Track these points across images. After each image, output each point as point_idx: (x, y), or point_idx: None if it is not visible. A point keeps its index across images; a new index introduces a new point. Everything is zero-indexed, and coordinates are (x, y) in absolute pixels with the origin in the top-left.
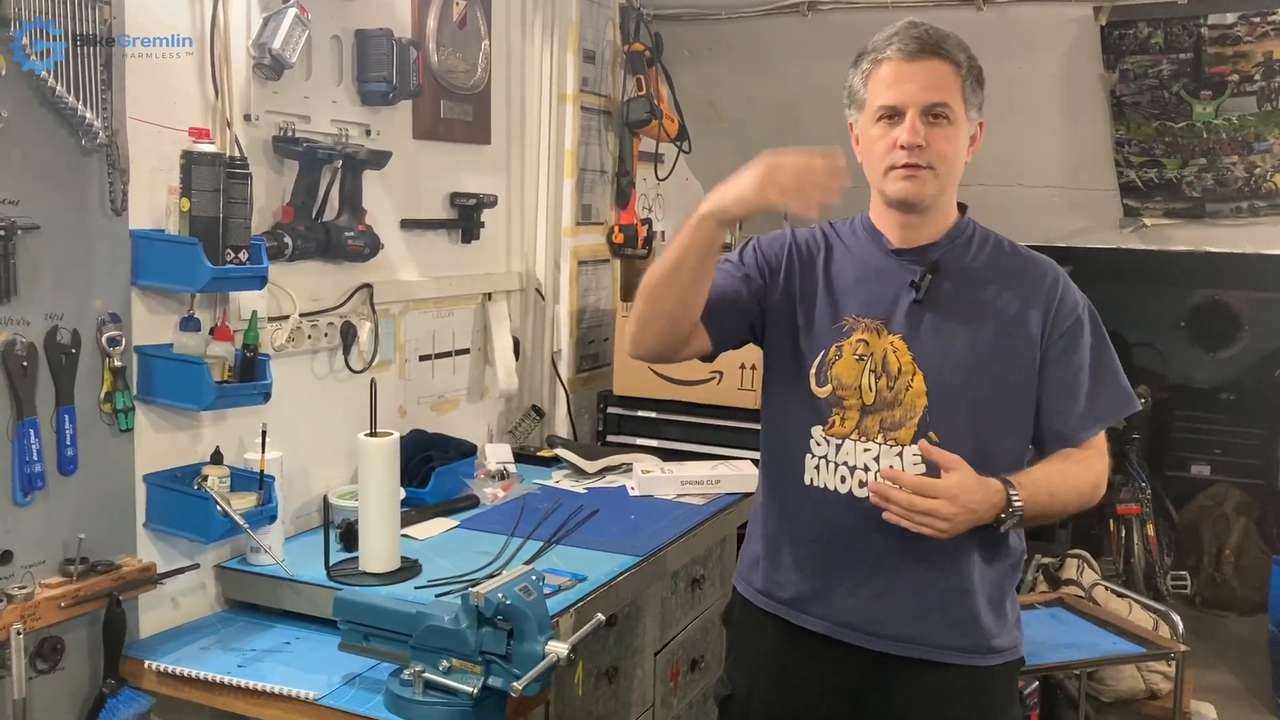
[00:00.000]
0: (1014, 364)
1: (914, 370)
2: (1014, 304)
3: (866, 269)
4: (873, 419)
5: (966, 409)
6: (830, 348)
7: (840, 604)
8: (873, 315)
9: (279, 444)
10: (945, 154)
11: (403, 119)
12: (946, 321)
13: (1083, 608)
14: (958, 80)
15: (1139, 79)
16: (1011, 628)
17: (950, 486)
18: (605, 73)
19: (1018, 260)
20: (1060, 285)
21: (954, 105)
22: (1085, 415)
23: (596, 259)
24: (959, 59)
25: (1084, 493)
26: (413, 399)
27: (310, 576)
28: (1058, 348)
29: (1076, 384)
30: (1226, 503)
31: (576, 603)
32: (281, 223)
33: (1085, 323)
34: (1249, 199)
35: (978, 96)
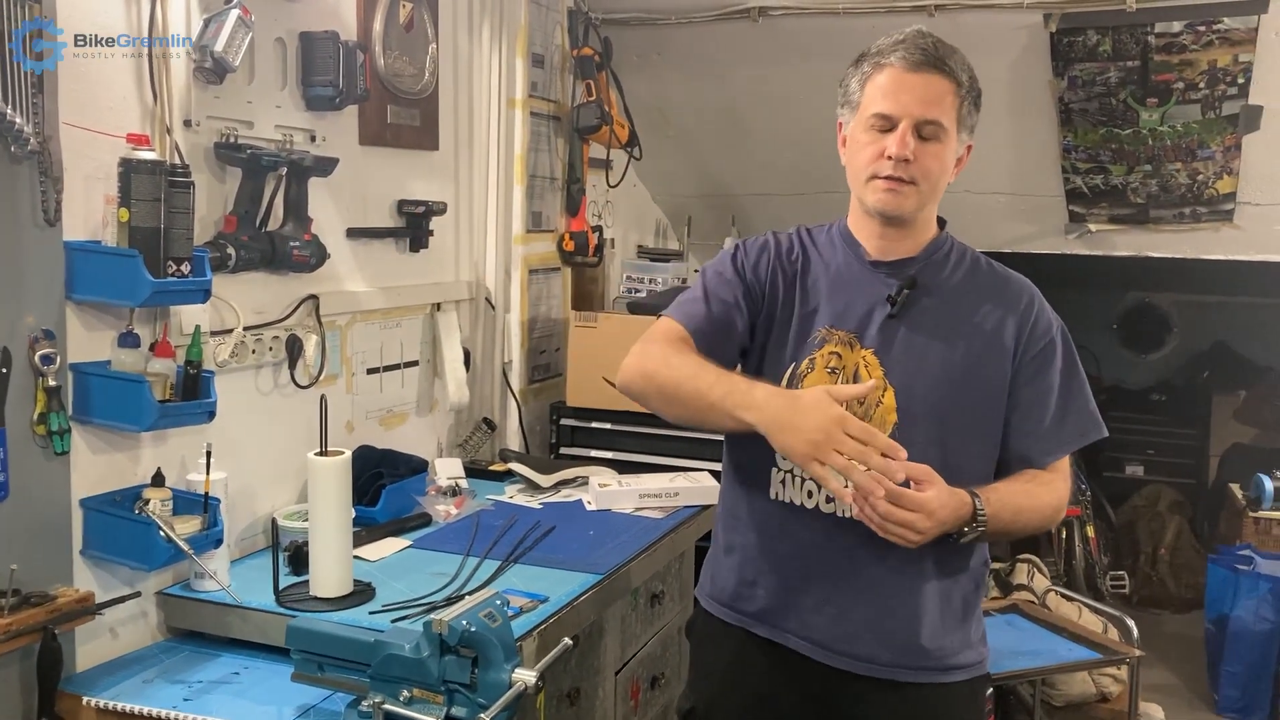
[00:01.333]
0: (985, 383)
1: (885, 386)
2: (988, 323)
3: (842, 280)
4: None
5: (935, 426)
6: (803, 360)
7: (805, 620)
8: (846, 328)
9: (223, 464)
10: (931, 171)
11: (349, 125)
12: (920, 338)
13: (1036, 614)
14: (955, 99)
15: (1087, 86)
16: (976, 644)
17: (929, 500)
18: (554, 78)
19: (994, 279)
20: (1035, 306)
21: (947, 123)
22: (1051, 438)
23: (547, 267)
24: (961, 78)
25: (1046, 515)
26: (360, 414)
27: (258, 602)
28: (1029, 369)
29: (1045, 406)
30: (1160, 502)
31: (539, 625)
32: (224, 233)
33: (1058, 345)
34: (1191, 205)
35: (972, 118)
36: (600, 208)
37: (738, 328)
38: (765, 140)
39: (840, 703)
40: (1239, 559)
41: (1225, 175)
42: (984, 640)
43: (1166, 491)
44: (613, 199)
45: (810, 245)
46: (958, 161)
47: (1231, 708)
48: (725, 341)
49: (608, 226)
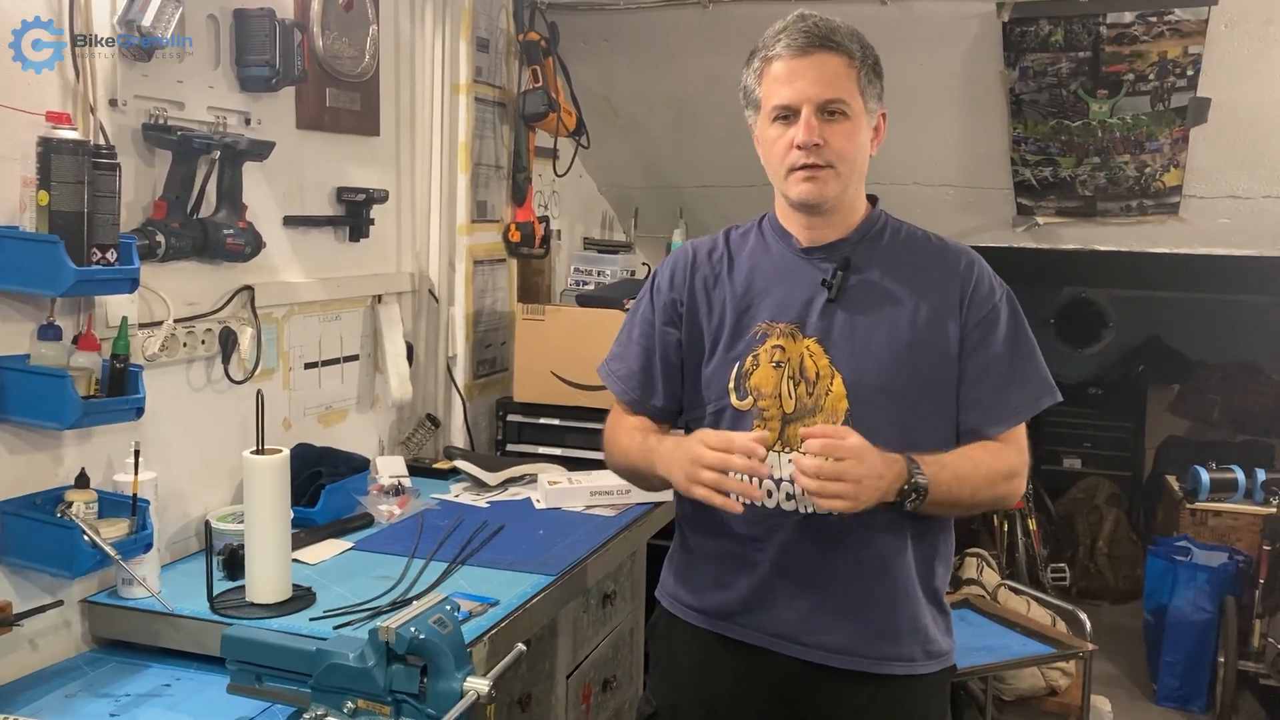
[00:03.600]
0: (933, 357)
1: (832, 373)
2: (929, 295)
3: (777, 272)
4: (794, 428)
5: (889, 408)
6: (746, 358)
7: (774, 616)
8: (787, 319)
9: (153, 463)
10: (844, 151)
11: (285, 108)
12: (862, 320)
13: (988, 608)
14: (853, 72)
15: (1038, 77)
16: (947, 631)
17: (855, 444)
18: (500, 63)
19: (931, 250)
20: (975, 272)
21: (850, 99)
22: (998, 407)
23: (493, 258)
24: (852, 49)
25: (995, 482)
26: (298, 410)
27: (191, 610)
28: (973, 338)
29: (990, 374)
30: (1098, 495)
31: (490, 630)
32: (153, 219)
33: (1002, 311)
34: (1139, 198)
35: (875, 87)
36: (547, 198)
37: (670, 362)
38: (714, 131)
39: (812, 699)
40: (1177, 550)
41: (1172, 168)
42: (951, 630)
43: (1104, 484)
44: (559, 189)
45: (740, 243)
46: (875, 132)
47: (1171, 697)
48: (659, 385)
49: (554, 217)
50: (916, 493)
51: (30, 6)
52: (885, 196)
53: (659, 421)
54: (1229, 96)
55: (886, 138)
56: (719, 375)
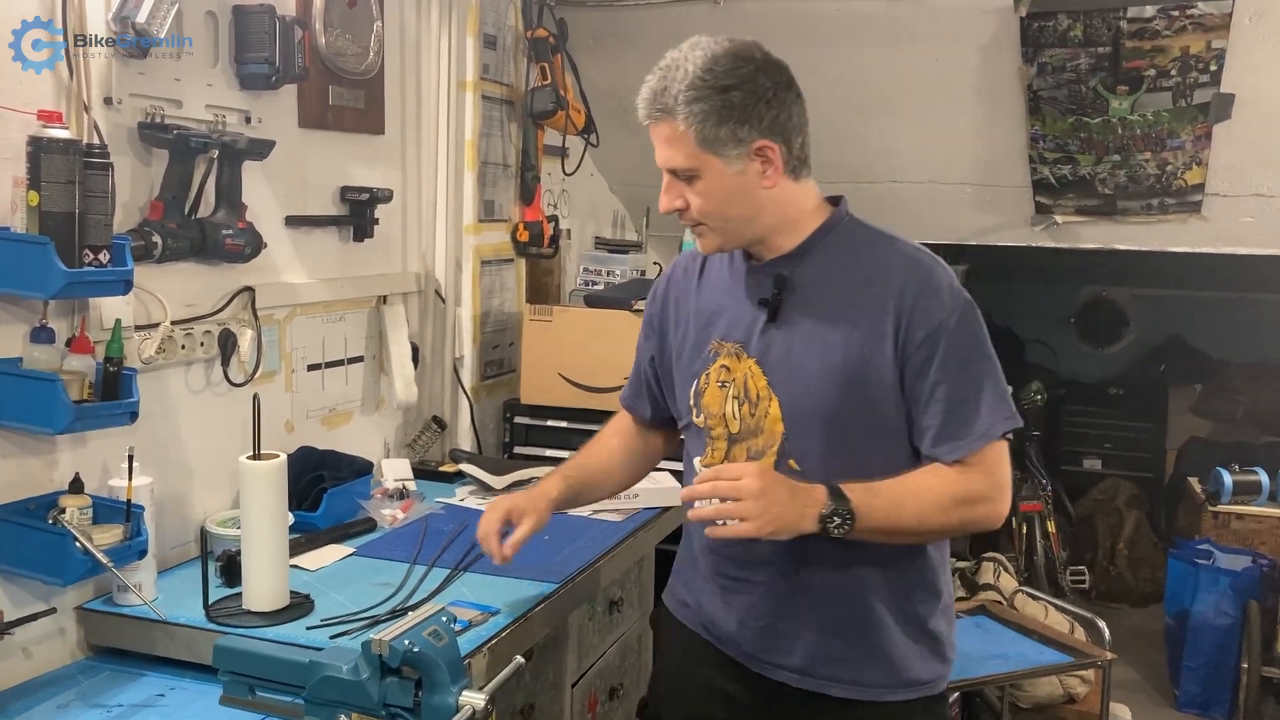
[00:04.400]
0: (869, 380)
1: (770, 396)
2: (868, 314)
3: (733, 288)
4: (740, 448)
5: (824, 433)
6: (701, 376)
7: (737, 632)
8: (734, 339)
9: (150, 468)
10: (704, 209)
11: (287, 106)
12: (798, 341)
13: (1005, 615)
14: (687, 133)
15: (1057, 73)
16: (929, 658)
17: (748, 465)
18: (507, 60)
19: (881, 261)
20: (915, 289)
21: (692, 162)
22: (949, 436)
23: (500, 258)
24: (680, 111)
25: (946, 508)
26: (301, 413)
27: (186, 618)
28: (918, 358)
29: (937, 400)
30: (1119, 496)
31: (489, 640)
32: (149, 219)
33: (948, 330)
34: (1159, 196)
35: (729, 130)
36: (556, 197)
37: (651, 376)
38: None
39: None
40: (1198, 553)
41: (1194, 166)
42: (940, 656)
43: (1124, 485)
44: (569, 188)
45: (714, 257)
46: (767, 163)
47: (1193, 703)
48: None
49: (564, 217)
50: (840, 518)
51: (28, 6)
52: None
53: (658, 429)
54: (1253, 92)
55: (905, 134)
56: (683, 392)
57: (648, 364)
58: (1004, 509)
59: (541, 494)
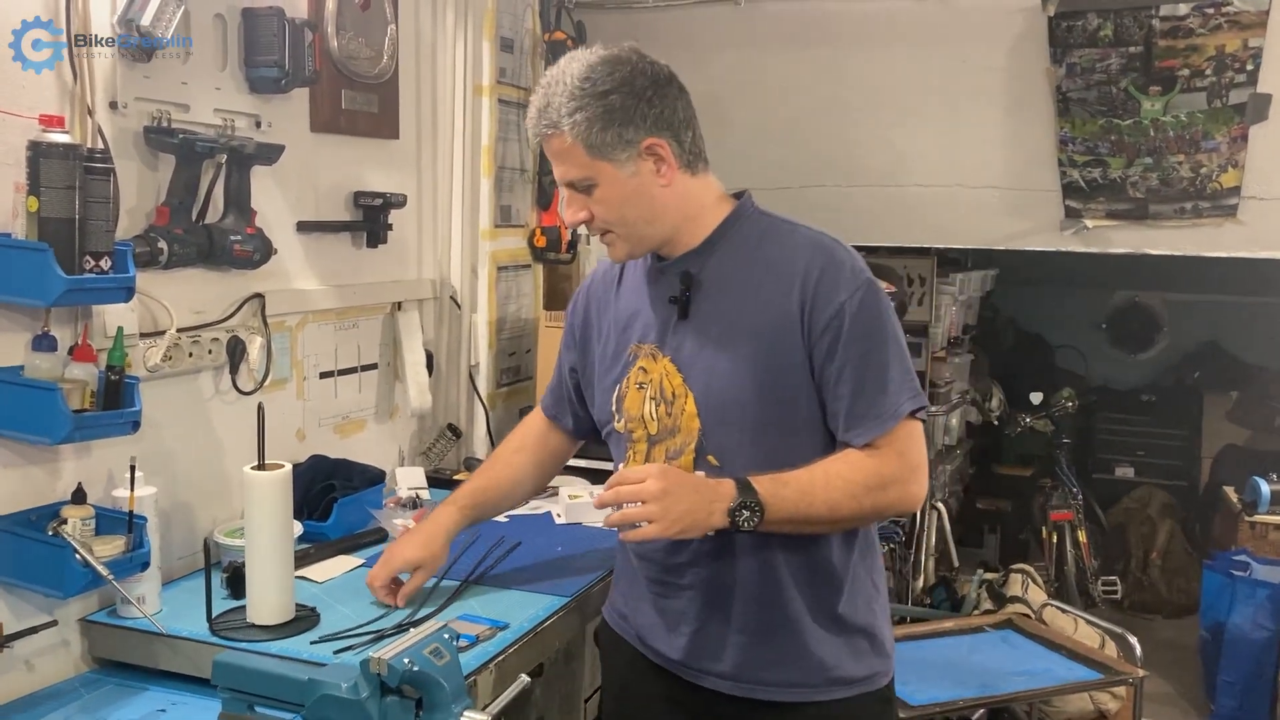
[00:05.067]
0: (782, 370)
1: (685, 392)
2: (773, 304)
3: (645, 289)
4: (659, 449)
5: (740, 426)
6: (622, 380)
7: (666, 641)
8: (649, 340)
9: (157, 477)
10: (608, 216)
11: (298, 110)
12: (708, 334)
13: (1032, 629)
14: (575, 145)
15: (1086, 73)
16: (863, 654)
17: (650, 466)
18: (525, 63)
19: (782, 249)
20: (817, 273)
21: (585, 172)
22: (858, 419)
23: (517, 264)
24: (564, 124)
25: (857, 494)
26: (313, 421)
27: (190, 631)
28: (822, 344)
29: (844, 383)
30: (1151, 505)
31: (497, 656)
32: (155, 225)
33: (847, 314)
34: (1193, 199)
35: (614, 133)
36: None
37: (567, 387)
38: (747, 131)
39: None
40: (1235, 564)
41: (1230, 168)
42: (875, 651)
43: (1157, 494)
44: None
45: (631, 262)
46: (660, 161)
47: (1229, 718)
48: (566, 408)
49: None
50: (749, 510)
51: (29, 6)
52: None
53: (579, 439)
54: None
55: (929, 136)
56: (605, 399)
57: (569, 375)
58: (919, 491)
59: (436, 533)
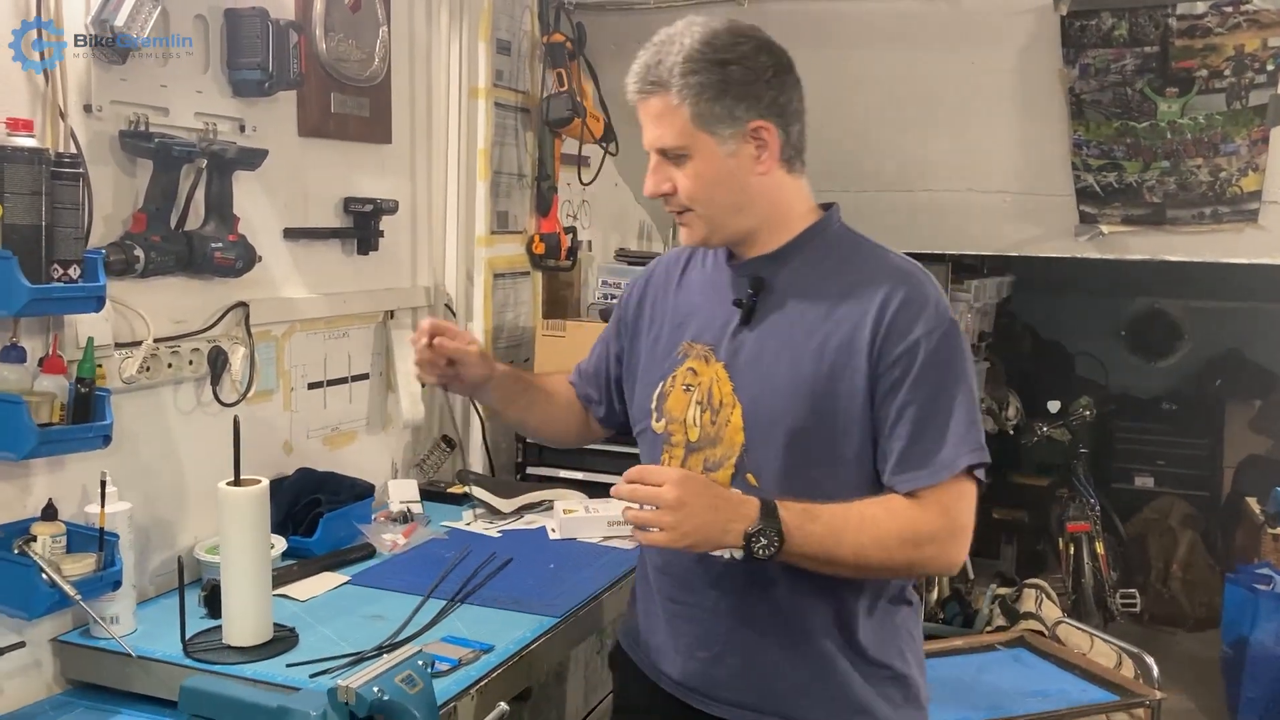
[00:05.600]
0: (841, 396)
1: (734, 403)
2: (846, 325)
3: (710, 288)
4: (696, 457)
5: (785, 448)
6: (667, 379)
7: (682, 664)
8: (704, 340)
9: (134, 492)
10: (693, 193)
11: (285, 113)
12: (770, 347)
13: (1046, 647)
14: (681, 109)
15: (1100, 75)
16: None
17: (671, 472)
18: (522, 66)
19: (865, 272)
20: (896, 302)
21: (682, 139)
22: (909, 464)
23: (515, 271)
24: (674, 84)
25: (889, 546)
26: (301, 432)
27: (162, 652)
28: (888, 379)
29: (903, 424)
30: (1172, 515)
31: (479, 681)
32: (131, 232)
33: (923, 350)
34: (1212, 204)
35: (724, 106)
36: (575, 207)
37: (611, 375)
38: None
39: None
40: (1258, 578)
41: (1250, 172)
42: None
43: (1178, 504)
44: (591, 199)
45: (699, 254)
46: (763, 146)
47: None
48: (603, 395)
49: (584, 227)
50: (766, 539)
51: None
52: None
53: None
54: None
55: (939, 140)
56: (645, 394)
57: (612, 363)
58: (958, 556)
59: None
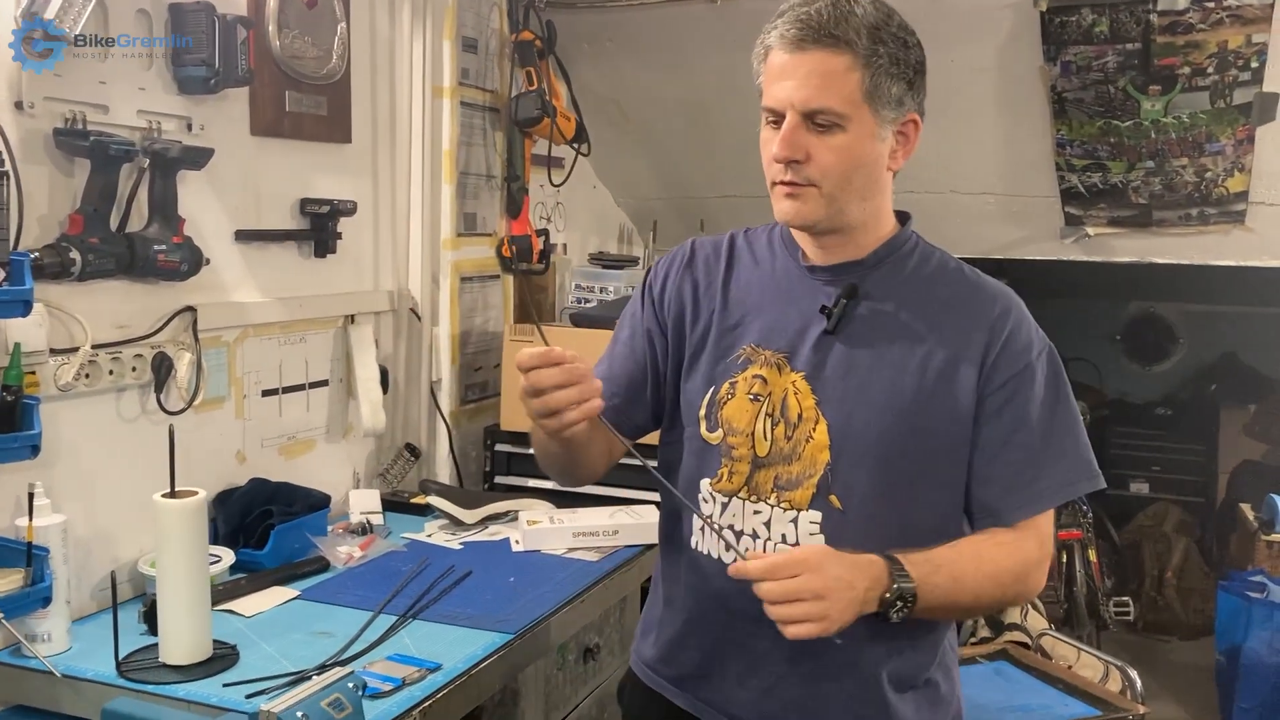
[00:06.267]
0: (942, 415)
1: (817, 417)
2: (949, 341)
3: (775, 289)
4: (765, 474)
5: (878, 469)
6: (723, 384)
7: (728, 693)
8: (775, 347)
9: (71, 504)
10: (831, 168)
11: (237, 112)
12: (862, 359)
13: (1028, 660)
14: (856, 75)
15: (1082, 72)
16: None
17: (805, 556)
18: (490, 64)
19: (962, 287)
20: (1010, 322)
21: (844, 108)
22: (1024, 489)
23: (484, 274)
24: (860, 44)
25: (1004, 584)
26: (255, 442)
27: (95, 672)
28: (997, 399)
29: (1014, 448)
30: (1167, 522)
31: (423, 702)
32: (67, 234)
33: (1038, 372)
34: (1199, 205)
35: (899, 88)
36: (549, 209)
37: (658, 370)
38: (733, 137)
39: None
40: (1251, 585)
41: (1236, 172)
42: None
43: (1173, 510)
44: (566, 201)
45: (745, 248)
46: (902, 141)
47: None
48: (644, 397)
49: (558, 230)
50: (903, 601)
51: None
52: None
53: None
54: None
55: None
56: (692, 398)
57: (658, 360)
58: (1043, 581)
59: None
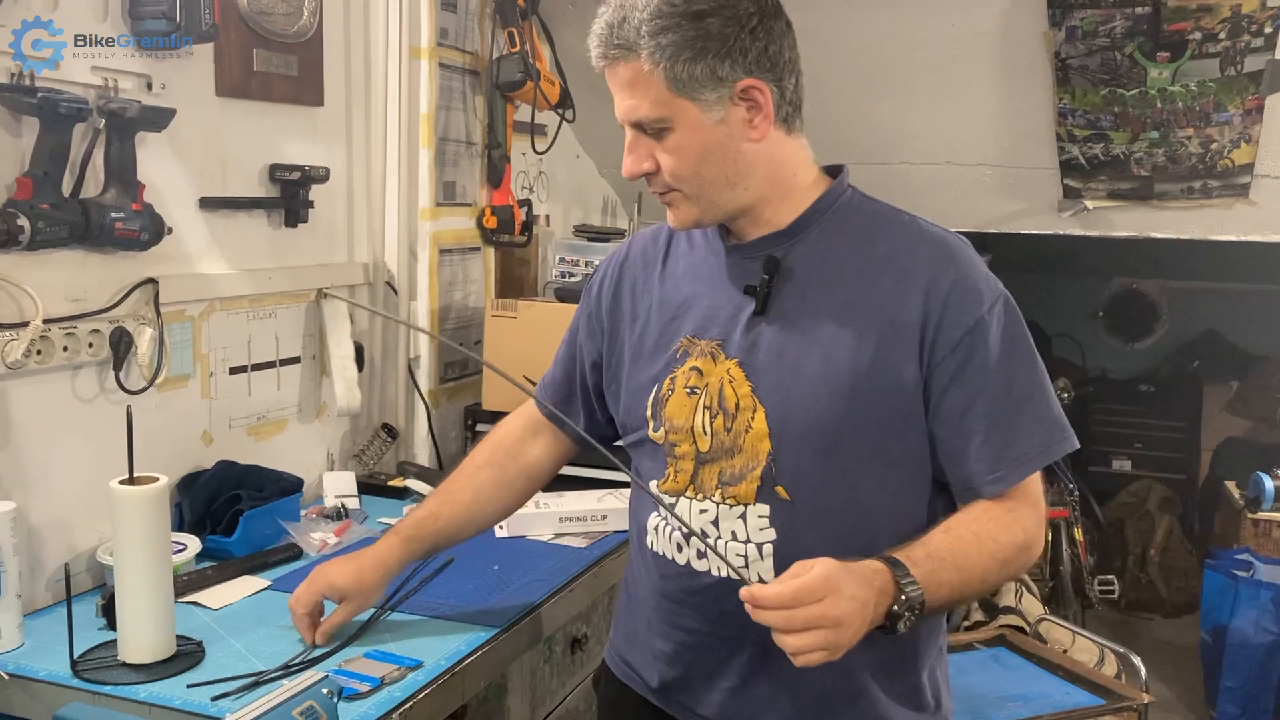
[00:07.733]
0: (885, 388)
1: (754, 405)
2: (887, 304)
3: (709, 275)
4: (710, 470)
5: (823, 455)
6: (664, 380)
7: (698, 694)
8: (710, 335)
9: (23, 490)
10: (678, 171)
11: (202, 71)
12: (794, 339)
13: (1027, 646)
14: (653, 74)
15: (1088, 38)
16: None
17: (825, 577)
18: (471, 25)
19: (900, 241)
20: (950, 277)
21: (660, 110)
22: (995, 458)
23: (464, 246)
24: (643, 45)
25: (1008, 559)
26: (222, 422)
27: (48, 672)
28: (950, 364)
29: (978, 415)
30: (1150, 499)
31: (404, 703)
32: (15, 199)
33: (990, 330)
34: (1202, 178)
35: (703, 67)
36: (531, 178)
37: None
38: None
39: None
40: (1237, 564)
41: (1243, 143)
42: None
43: (1156, 488)
44: (549, 171)
45: (682, 235)
46: (756, 109)
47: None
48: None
49: (540, 201)
50: (911, 611)
51: None
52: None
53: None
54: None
55: (915, 109)
56: (638, 399)
57: (589, 369)
58: (1043, 543)
59: (371, 566)
